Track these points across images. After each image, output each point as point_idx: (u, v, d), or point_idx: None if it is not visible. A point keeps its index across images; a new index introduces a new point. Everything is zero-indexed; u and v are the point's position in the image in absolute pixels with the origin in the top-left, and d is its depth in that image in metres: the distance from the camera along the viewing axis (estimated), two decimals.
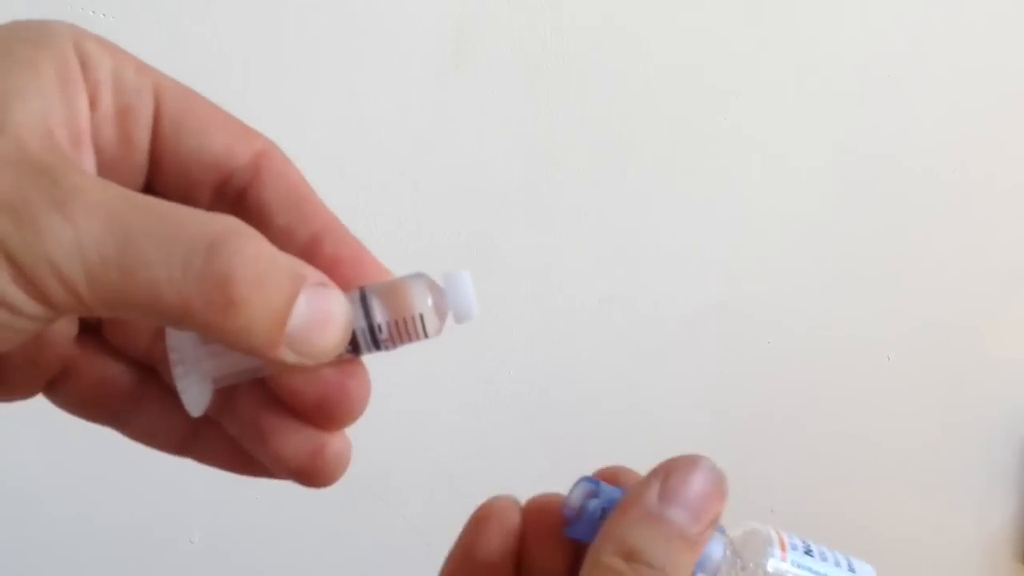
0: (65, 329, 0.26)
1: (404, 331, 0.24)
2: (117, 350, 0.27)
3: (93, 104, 0.23)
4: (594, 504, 0.26)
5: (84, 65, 0.23)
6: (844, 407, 0.88)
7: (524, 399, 0.77)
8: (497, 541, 0.28)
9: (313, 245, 0.25)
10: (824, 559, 0.27)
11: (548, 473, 0.43)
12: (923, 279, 0.89)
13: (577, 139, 0.72)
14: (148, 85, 0.24)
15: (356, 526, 0.74)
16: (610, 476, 0.28)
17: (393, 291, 0.24)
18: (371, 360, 0.29)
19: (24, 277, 0.19)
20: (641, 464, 0.27)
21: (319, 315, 0.22)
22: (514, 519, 0.28)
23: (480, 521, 0.28)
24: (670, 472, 0.26)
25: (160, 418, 0.27)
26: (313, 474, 0.25)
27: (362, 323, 0.24)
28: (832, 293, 0.85)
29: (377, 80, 0.67)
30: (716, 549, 0.27)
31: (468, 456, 0.76)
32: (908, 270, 0.88)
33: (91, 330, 0.26)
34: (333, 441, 0.25)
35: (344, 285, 0.24)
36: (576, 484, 0.27)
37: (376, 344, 0.24)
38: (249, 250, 0.21)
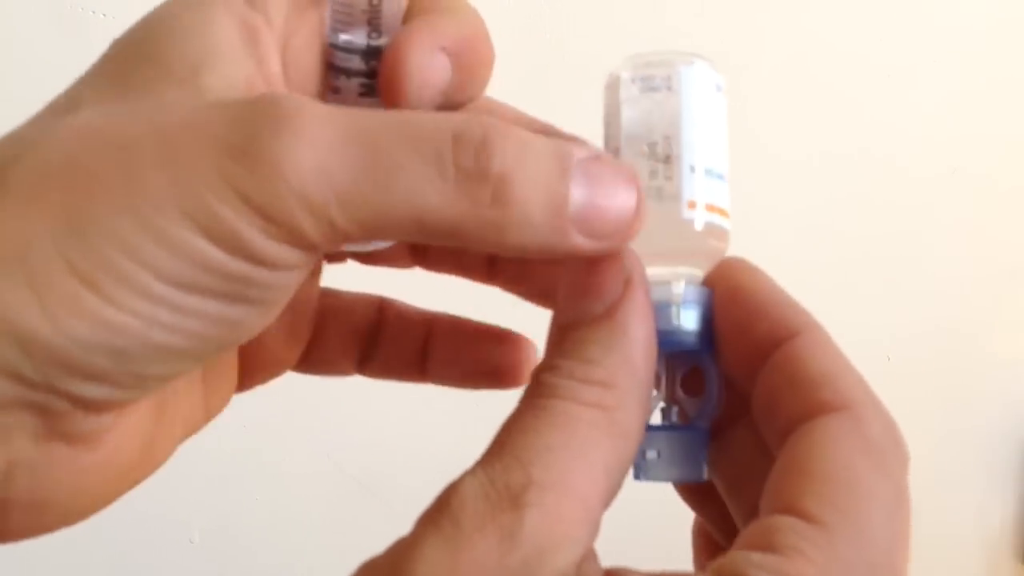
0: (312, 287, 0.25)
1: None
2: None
3: (285, 56, 0.21)
4: None
5: (265, 13, 0.21)
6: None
7: None
8: None
9: None
10: None
11: None
12: (923, 279, 0.89)
13: None
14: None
15: (356, 526, 0.74)
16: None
17: None
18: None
19: (271, 220, 0.17)
20: None
21: (601, 187, 0.19)
22: None
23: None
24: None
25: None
26: None
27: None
28: (832, 293, 0.85)
29: None
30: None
31: (468, 456, 0.75)
32: (908, 270, 0.88)
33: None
34: None
35: None
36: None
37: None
38: (506, 138, 0.18)
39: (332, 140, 0.17)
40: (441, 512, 0.18)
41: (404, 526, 0.19)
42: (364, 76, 0.22)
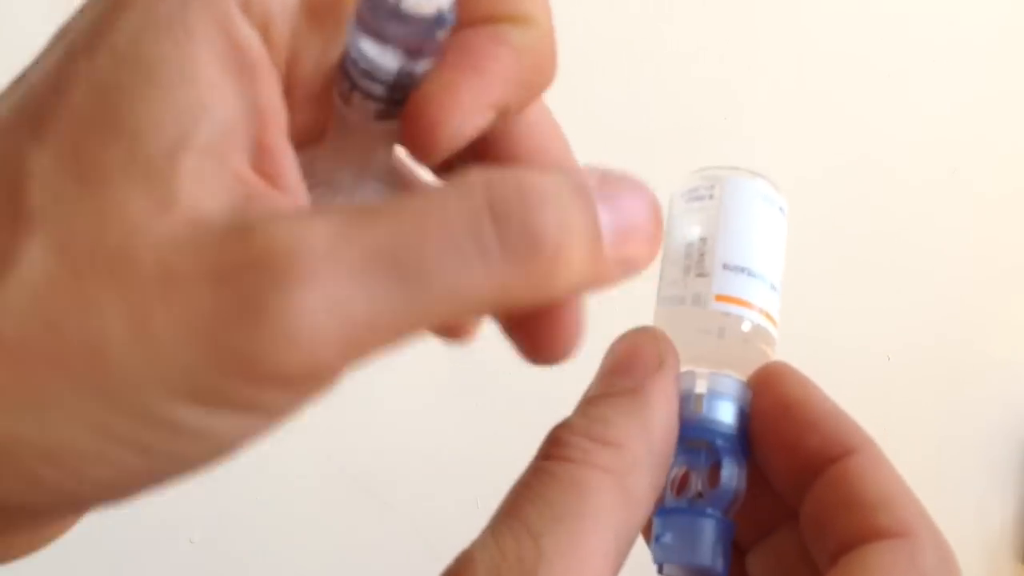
0: None
1: None
2: None
3: (291, 77, 0.18)
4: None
5: (265, 23, 0.17)
6: (844, 407, 0.88)
7: (524, 399, 0.77)
8: None
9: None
10: None
11: None
12: (923, 279, 0.89)
13: (574, 142, 0.72)
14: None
15: (356, 526, 0.74)
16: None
17: None
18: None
19: (287, 385, 0.16)
20: None
21: (627, 214, 0.18)
22: None
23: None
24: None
25: None
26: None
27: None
28: (832, 293, 0.85)
29: None
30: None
31: (468, 456, 0.76)
32: (908, 270, 0.88)
33: None
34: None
35: None
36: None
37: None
38: (538, 193, 0.16)
39: (345, 277, 0.15)
40: None
41: (404, 527, 0.19)
42: (385, 102, 0.18)
